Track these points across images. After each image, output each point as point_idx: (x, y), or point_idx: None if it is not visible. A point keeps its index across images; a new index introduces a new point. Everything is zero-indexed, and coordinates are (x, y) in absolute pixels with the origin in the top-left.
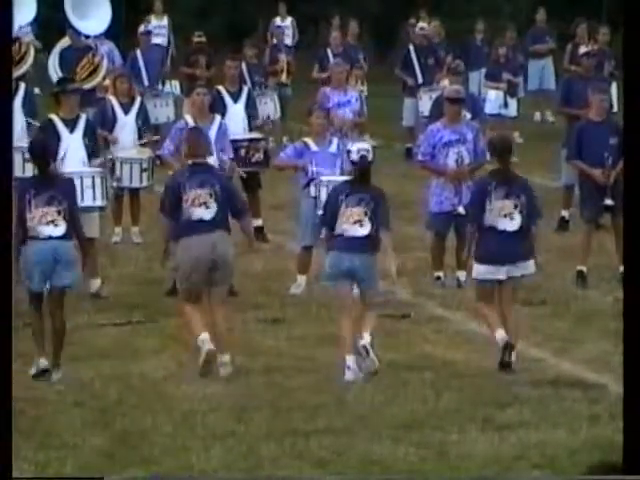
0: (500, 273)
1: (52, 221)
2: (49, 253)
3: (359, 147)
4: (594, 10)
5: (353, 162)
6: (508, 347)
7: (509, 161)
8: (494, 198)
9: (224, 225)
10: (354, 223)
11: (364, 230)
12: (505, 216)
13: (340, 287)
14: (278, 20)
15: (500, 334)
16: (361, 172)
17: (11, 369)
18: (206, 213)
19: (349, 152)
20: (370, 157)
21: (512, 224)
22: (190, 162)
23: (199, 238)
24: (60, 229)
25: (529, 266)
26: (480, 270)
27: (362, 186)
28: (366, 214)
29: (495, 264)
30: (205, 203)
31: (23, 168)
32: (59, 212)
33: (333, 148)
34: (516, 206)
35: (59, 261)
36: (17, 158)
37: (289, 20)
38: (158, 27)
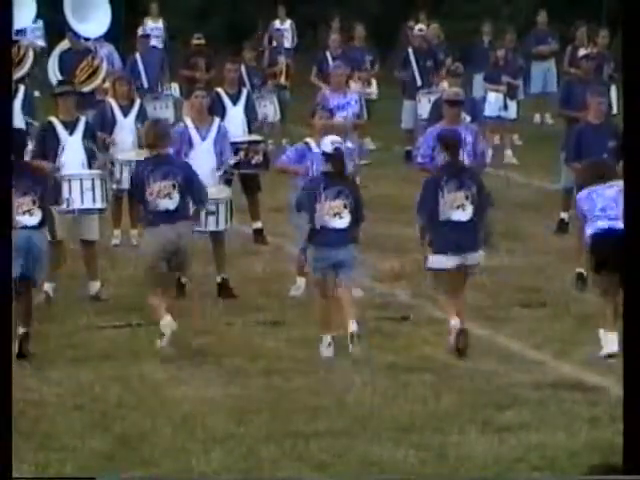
0: (451, 262)
1: (28, 211)
2: (23, 242)
3: (332, 139)
4: (594, 13)
5: (328, 154)
6: (462, 333)
7: (458, 154)
8: (446, 191)
9: (187, 214)
10: (334, 216)
11: (344, 222)
12: (457, 207)
13: (322, 277)
14: (277, 23)
15: (454, 320)
16: (336, 164)
17: (11, 370)
18: (170, 204)
19: (323, 146)
20: (343, 149)
21: (465, 214)
22: (151, 154)
23: (164, 228)
24: (35, 218)
25: (479, 257)
26: (434, 260)
27: (339, 179)
28: (345, 207)
29: (448, 254)
30: (169, 194)
31: None
32: (34, 202)
33: None
34: (467, 197)
35: (31, 250)
36: None
37: (288, 23)
38: (154, 29)
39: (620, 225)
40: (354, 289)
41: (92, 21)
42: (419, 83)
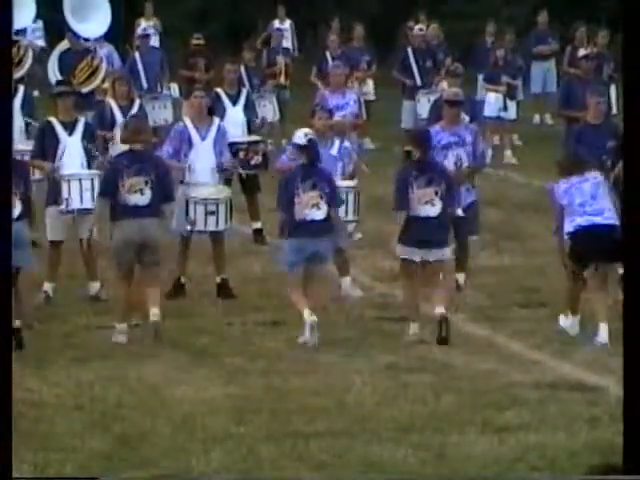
0: (418, 255)
1: None
2: None
3: (305, 131)
4: (593, 13)
5: (302, 146)
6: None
7: (428, 150)
8: (416, 187)
9: (157, 211)
10: (312, 207)
11: (322, 213)
12: (426, 203)
13: (297, 270)
14: (277, 23)
15: (414, 326)
16: (311, 155)
17: (11, 371)
18: (141, 199)
19: (295, 138)
20: (316, 140)
21: (433, 210)
22: (128, 148)
23: (133, 222)
24: (15, 211)
25: (447, 252)
26: (402, 250)
27: (314, 170)
28: (322, 197)
29: (415, 246)
30: (141, 190)
31: None
32: (15, 194)
33: (334, 150)
34: (437, 193)
35: (14, 242)
36: None
37: (288, 23)
38: (147, 29)
39: (599, 220)
40: (354, 289)
41: (92, 21)
42: (419, 83)
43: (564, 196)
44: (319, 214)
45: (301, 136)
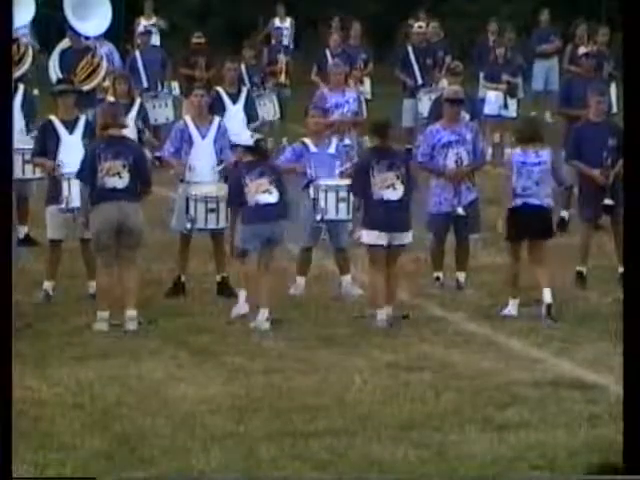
0: (384, 239)
1: None
2: None
3: (250, 134)
4: (593, 11)
5: (250, 147)
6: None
7: (387, 137)
8: (377, 171)
9: (135, 194)
10: (263, 192)
11: (273, 197)
12: (388, 187)
13: (253, 255)
14: (277, 21)
15: (381, 315)
16: (259, 155)
17: (11, 370)
18: (119, 182)
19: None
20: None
21: (395, 193)
22: (106, 134)
23: (111, 205)
24: None
25: (408, 236)
26: (368, 236)
27: (262, 162)
28: (271, 183)
29: (379, 230)
30: (118, 173)
31: (23, 170)
32: None
33: (332, 149)
34: (398, 177)
35: None
36: (16, 160)
37: (288, 21)
38: (147, 27)
39: (536, 202)
40: (354, 287)
41: (92, 20)
42: (419, 81)
43: (516, 169)
44: (271, 198)
45: (248, 138)
